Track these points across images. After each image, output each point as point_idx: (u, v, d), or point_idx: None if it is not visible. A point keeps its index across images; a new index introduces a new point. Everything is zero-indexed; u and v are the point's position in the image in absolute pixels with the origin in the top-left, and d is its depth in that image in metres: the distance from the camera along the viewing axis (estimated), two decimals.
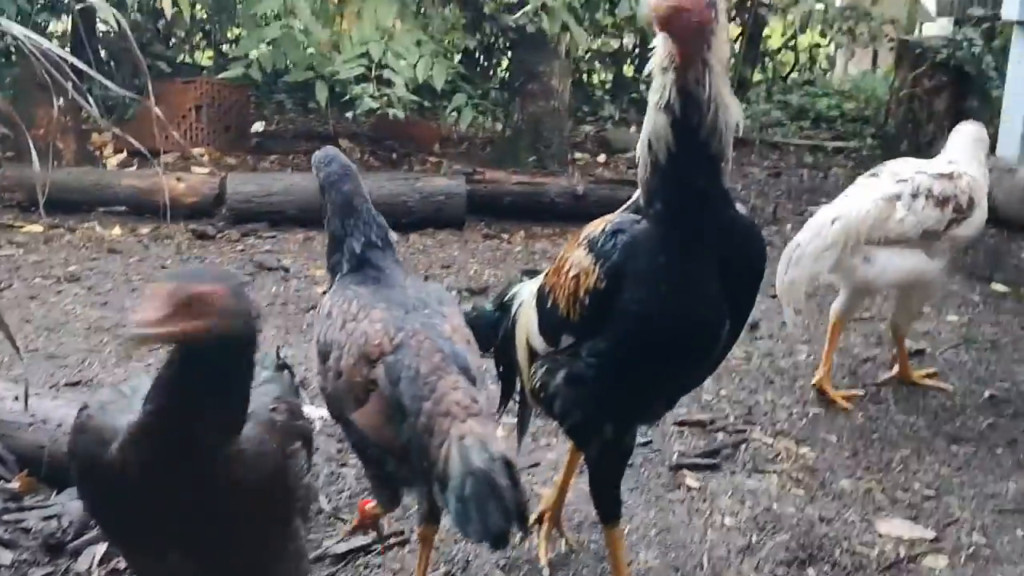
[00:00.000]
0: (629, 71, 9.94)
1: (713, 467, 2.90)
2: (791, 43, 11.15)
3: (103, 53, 6.74)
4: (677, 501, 2.71)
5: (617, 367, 1.92)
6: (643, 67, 1.76)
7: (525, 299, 2.29)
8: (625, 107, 9.09)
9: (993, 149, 5.21)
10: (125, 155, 5.98)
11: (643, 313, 1.84)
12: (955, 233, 3.29)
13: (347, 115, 6.65)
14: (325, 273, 2.38)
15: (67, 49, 5.26)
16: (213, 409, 1.46)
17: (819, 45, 11.12)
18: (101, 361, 3.53)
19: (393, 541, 2.45)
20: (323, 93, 5.80)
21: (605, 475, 2.13)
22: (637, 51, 9.65)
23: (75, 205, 5.19)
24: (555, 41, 6.53)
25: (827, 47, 11.10)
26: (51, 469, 2.52)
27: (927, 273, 3.31)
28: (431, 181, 5.59)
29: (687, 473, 2.87)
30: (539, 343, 2.13)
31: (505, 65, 8.89)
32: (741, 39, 10.17)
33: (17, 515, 2.41)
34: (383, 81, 5.43)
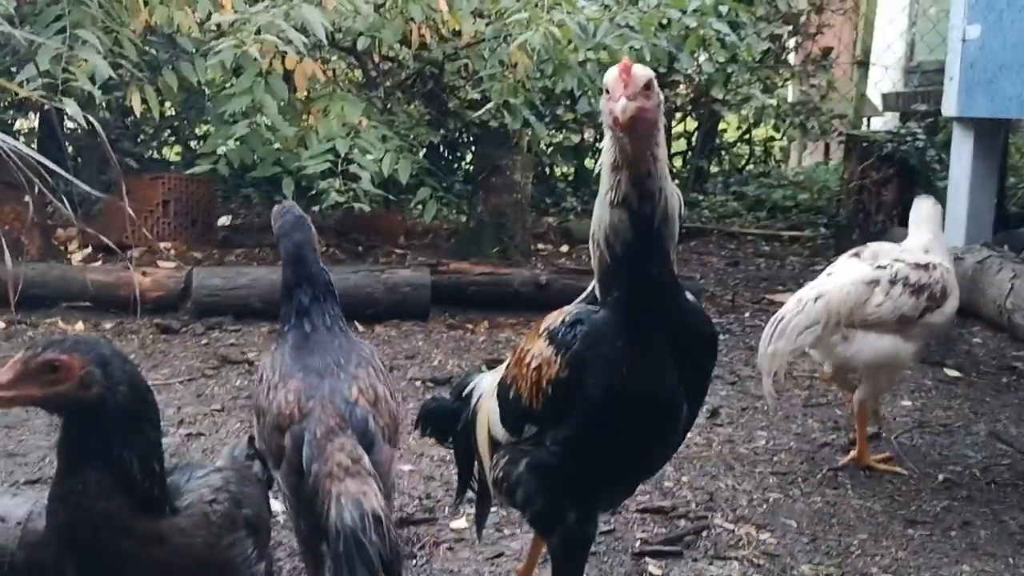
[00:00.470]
0: (590, 164, 10.21)
1: (675, 554, 2.92)
2: (746, 136, 11.54)
3: (70, 149, 6.82)
4: None
5: (581, 453, 1.96)
6: None
7: (485, 390, 2.34)
8: (586, 199, 9.30)
9: None
10: (90, 250, 6.01)
11: (606, 398, 1.89)
12: (929, 320, 3.46)
13: (313, 209, 6.76)
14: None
15: (34, 146, 5.36)
16: (100, 483, 1.47)
17: (773, 138, 11.52)
18: None
19: None
20: (290, 188, 5.90)
21: (568, 563, 2.14)
22: (597, 145, 9.93)
23: (39, 300, 5.15)
24: (517, 136, 6.73)
25: (780, 140, 11.50)
26: (12, 570, 2.49)
27: (900, 356, 3.48)
28: (396, 273, 5.67)
29: (650, 561, 2.88)
30: (501, 433, 2.17)
31: (469, 159, 9.10)
32: (697, 133, 10.52)
33: None
34: (349, 176, 5.53)
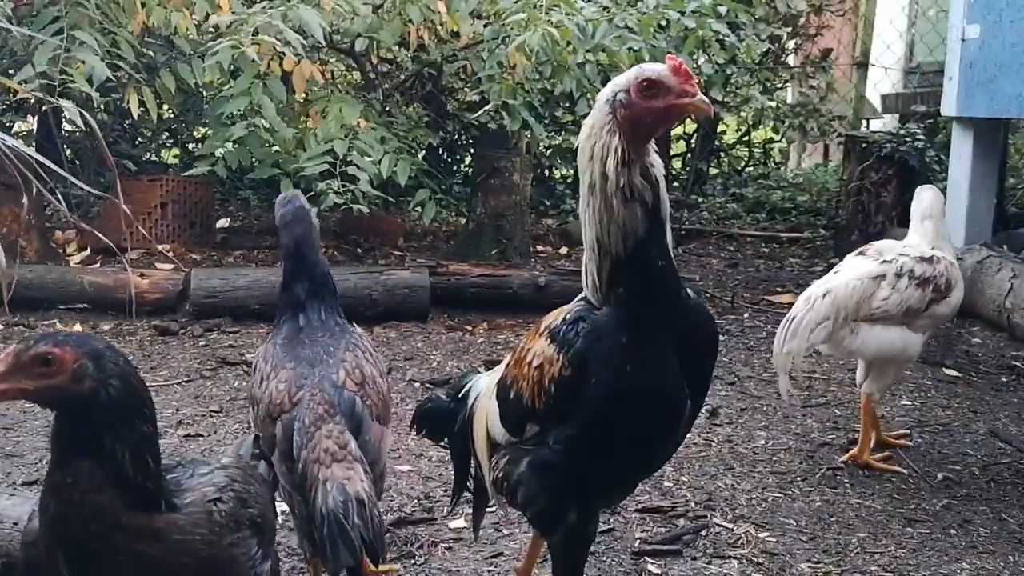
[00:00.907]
0: None
1: (675, 553, 2.92)
2: (745, 138, 11.54)
3: (68, 152, 6.83)
4: None
5: (584, 452, 1.95)
6: None
7: (482, 391, 2.33)
8: None
9: None
10: (88, 252, 6.00)
11: (610, 396, 1.87)
12: (935, 312, 3.52)
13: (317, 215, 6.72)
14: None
15: (33, 147, 5.35)
16: (92, 476, 1.47)
17: (773, 140, 11.52)
18: None
19: None
20: (288, 190, 5.89)
21: (568, 562, 2.13)
22: None
23: (37, 303, 5.15)
24: (516, 138, 6.73)
25: (780, 142, 11.50)
26: (5, 570, 2.48)
27: (908, 347, 3.53)
28: (395, 274, 5.66)
29: (649, 560, 2.88)
30: (501, 434, 2.16)
31: (468, 161, 9.09)
32: (696, 135, 10.53)
33: None
34: (347, 177, 5.53)
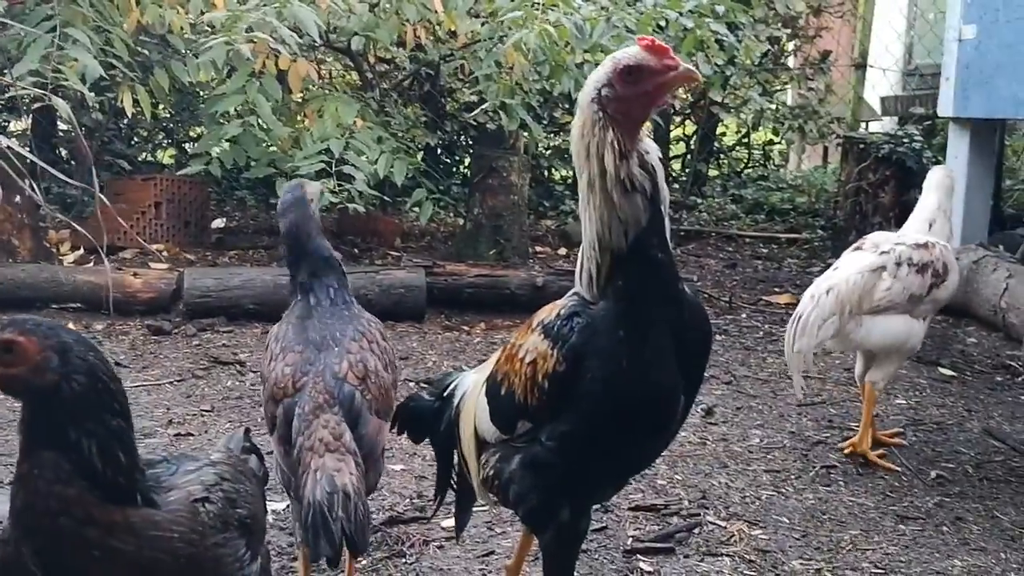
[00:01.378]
0: None
1: (667, 551, 2.90)
2: (744, 140, 11.53)
3: (64, 152, 6.82)
4: None
5: (578, 448, 1.92)
6: None
7: (468, 389, 2.30)
8: None
9: None
10: (82, 252, 5.99)
11: (605, 391, 1.85)
12: (936, 296, 3.58)
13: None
14: None
15: (27, 148, 5.35)
16: (58, 467, 1.45)
17: (772, 142, 11.51)
18: None
19: None
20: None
21: (560, 560, 2.10)
22: None
23: (29, 302, 5.12)
24: (514, 138, 6.72)
25: (780, 144, 11.50)
26: None
27: (912, 334, 3.58)
28: (391, 274, 5.64)
29: (641, 558, 2.85)
30: (490, 432, 2.13)
31: (467, 162, 9.09)
32: (695, 136, 10.52)
33: None
34: (344, 176, 5.52)
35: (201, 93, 6.93)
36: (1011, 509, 3.23)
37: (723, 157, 11.51)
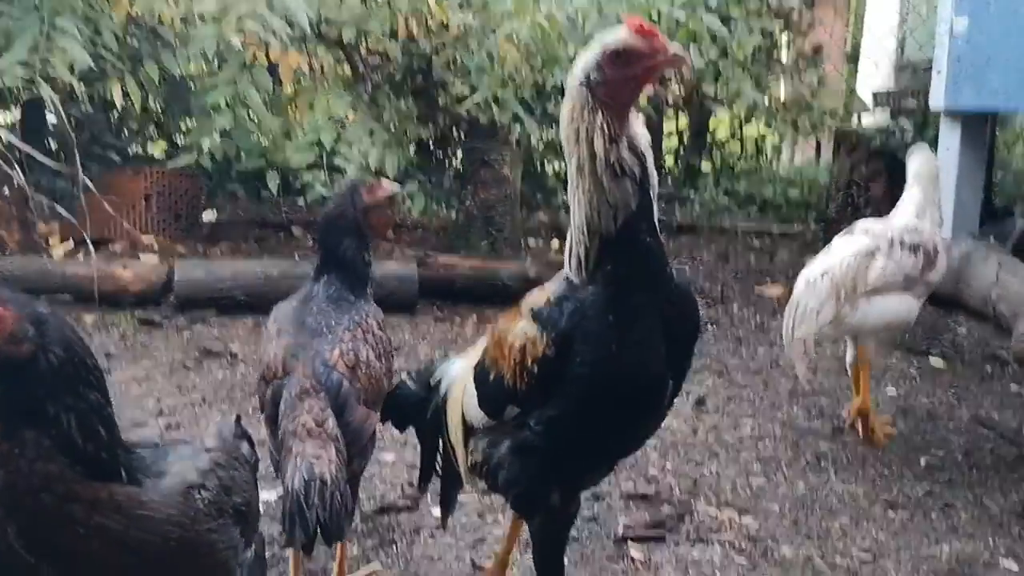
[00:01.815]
0: None
1: (658, 539, 2.91)
2: (737, 134, 11.53)
3: (54, 145, 6.78)
4: (621, 572, 2.71)
5: (568, 432, 1.92)
6: None
7: (455, 377, 2.30)
8: None
9: None
10: (72, 244, 5.95)
11: (595, 375, 1.84)
12: (928, 278, 3.60)
13: (301, 203, 6.68)
14: None
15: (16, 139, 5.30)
16: (39, 443, 1.44)
17: (765, 136, 11.51)
18: None
19: None
20: (275, 181, 5.87)
21: (550, 544, 2.11)
22: None
23: None
24: (506, 130, 6.70)
25: (772, 138, 11.49)
26: None
27: (909, 312, 3.62)
28: (382, 265, 5.61)
29: (632, 545, 2.86)
30: (479, 418, 2.13)
31: (460, 156, 9.06)
32: (688, 130, 10.51)
33: None
34: (334, 168, 5.50)
35: (193, 86, 6.89)
36: (1000, 496, 3.24)
37: (716, 151, 11.50)
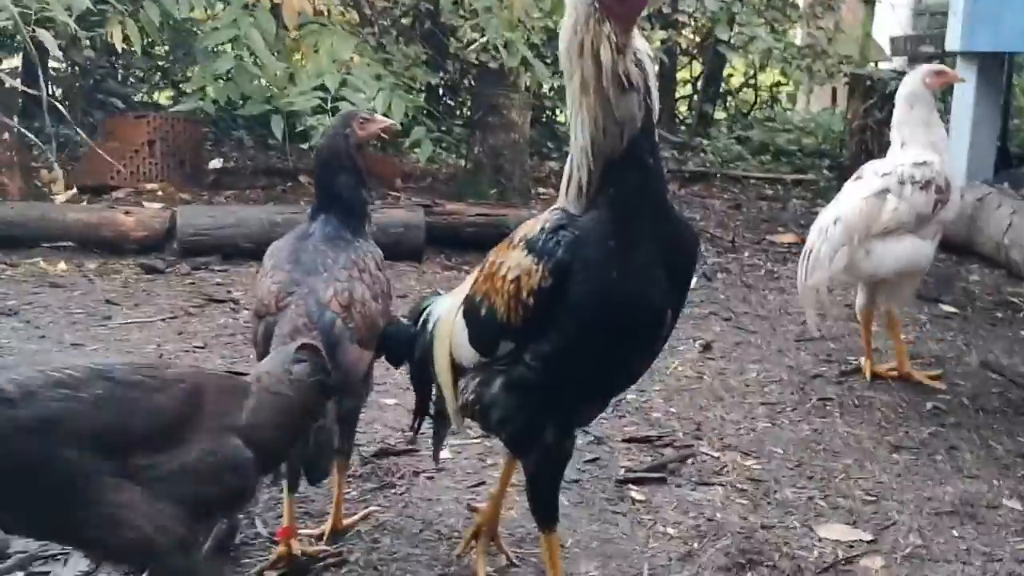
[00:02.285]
0: None
1: (659, 480, 2.88)
2: (752, 82, 11.35)
3: (58, 91, 6.73)
4: (620, 514, 2.69)
5: (564, 366, 1.87)
6: None
7: (442, 314, 2.24)
8: None
9: None
10: (75, 191, 5.91)
11: (594, 303, 1.79)
12: (942, 216, 3.54)
13: (307, 148, 6.55)
14: None
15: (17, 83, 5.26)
16: None
17: (780, 83, 11.32)
18: None
19: (331, 562, 2.40)
20: (279, 127, 5.80)
21: (544, 481, 2.07)
22: None
23: (19, 241, 5.06)
24: (515, 75, 6.59)
25: (787, 86, 11.31)
26: None
27: (924, 255, 3.56)
28: (389, 213, 5.57)
29: (632, 487, 2.84)
30: (469, 356, 2.07)
31: (469, 103, 8.96)
32: (702, 76, 10.35)
33: None
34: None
35: (198, 31, 6.80)
36: (1006, 438, 3.21)
37: (730, 98, 11.34)
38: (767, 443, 3.16)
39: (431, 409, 2.42)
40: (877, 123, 7.17)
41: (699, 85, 10.57)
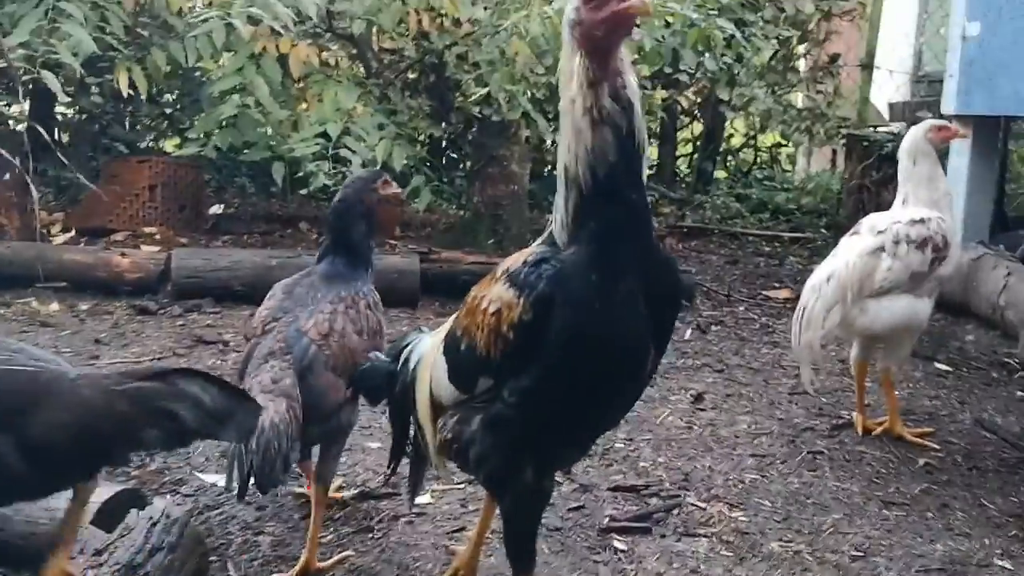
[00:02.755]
0: None
1: (643, 530, 2.83)
2: (752, 142, 11.45)
3: (65, 137, 6.80)
4: (602, 563, 2.64)
5: (544, 403, 1.84)
6: None
7: (425, 354, 2.22)
8: None
9: None
10: (73, 233, 5.93)
11: (575, 338, 1.76)
12: (939, 273, 3.52)
13: (308, 197, 6.59)
14: None
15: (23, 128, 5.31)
16: None
17: (780, 144, 11.42)
18: None
19: None
20: (280, 173, 5.84)
21: (521, 523, 2.02)
22: None
23: (14, 280, 5.07)
24: (515, 127, 6.65)
25: (787, 147, 11.40)
26: None
27: (918, 313, 3.53)
28: (384, 259, 5.57)
29: (616, 536, 2.79)
30: (448, 392, 2.05)
31: (470, 152, 9.03)
32: (702, 134, 10.44)
33: None
34: (340, 160, 5.45)
35: (205, 80, 6.89)
36: (998, 497, 3.16)
37: (730, 158, 11.43)
38: (755, 495, 3.11)
39: (408, 449, 2.39)
40: (874, 183, 7.22)
41: (699, 144, 10.65)
